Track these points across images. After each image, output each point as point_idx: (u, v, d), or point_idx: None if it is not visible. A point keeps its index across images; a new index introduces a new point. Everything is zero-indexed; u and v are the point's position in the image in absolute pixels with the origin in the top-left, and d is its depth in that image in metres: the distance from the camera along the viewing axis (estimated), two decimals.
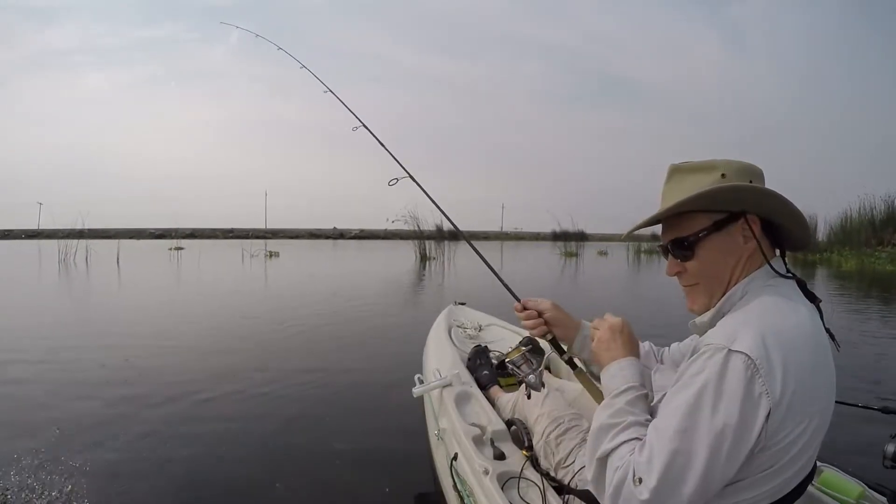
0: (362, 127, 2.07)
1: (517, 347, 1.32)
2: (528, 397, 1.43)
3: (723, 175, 0.87)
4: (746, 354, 0.71)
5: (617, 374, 0.93)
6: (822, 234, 17.00)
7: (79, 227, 15.71)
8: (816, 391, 0.77)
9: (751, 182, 0.87)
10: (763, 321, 0.77)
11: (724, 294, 0.89)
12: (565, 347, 1.20)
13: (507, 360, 1.28)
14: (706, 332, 0.90)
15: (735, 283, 0.88)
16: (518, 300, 1.24)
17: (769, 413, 0.70)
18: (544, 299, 1.20)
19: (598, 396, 1.15)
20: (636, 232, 1.03)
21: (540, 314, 1.18)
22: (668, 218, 0.93)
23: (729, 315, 0.85)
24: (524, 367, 1.26)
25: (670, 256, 0.95)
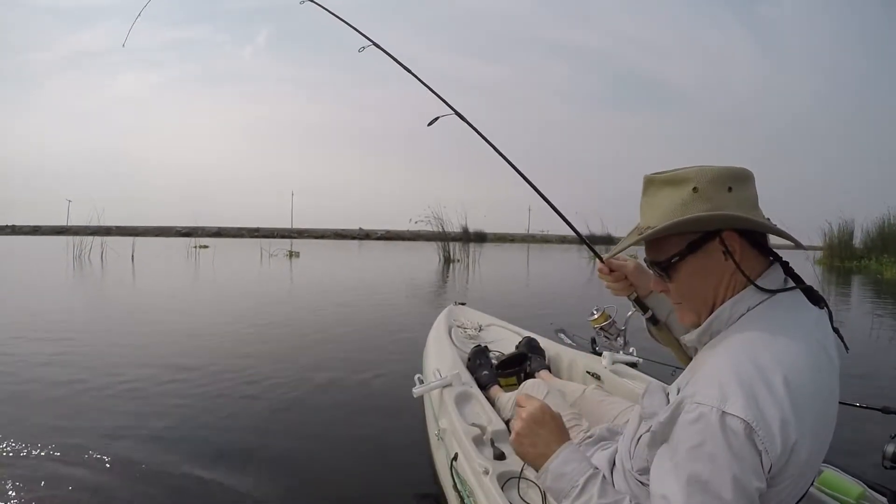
0: (372, 45, 1.89)
1: (603, 313, 1.32)
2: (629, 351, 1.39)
3: (694, 189, 0.81)
4: (741, 418, 0.69)
5: (565, 474, 0.87)
6: (858, 240, 16.41)
7: (95, 223, 15.51)
8: (818, 425, 0.75)
9: (730, 188, 0.81)
10: (752, 370, 0.72)
11: (710, 313, 0.85)
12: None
13: (597, 327, 1.30)
14: (695, 349, 0.91)
15: (722, 302, 0.84)
16: (601, 260, 1.24)
17: (771, 466, 0.70)
18: (629, 260, 1.22)
19: (682, 354, 1.16)
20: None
21: (626, 276, 1.21)
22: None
23: (713, 352, 0.81)
24: (613, 329, 1.27)
25: (654, 275, 0.92)
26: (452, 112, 1.59)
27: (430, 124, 1.61)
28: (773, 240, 0.88)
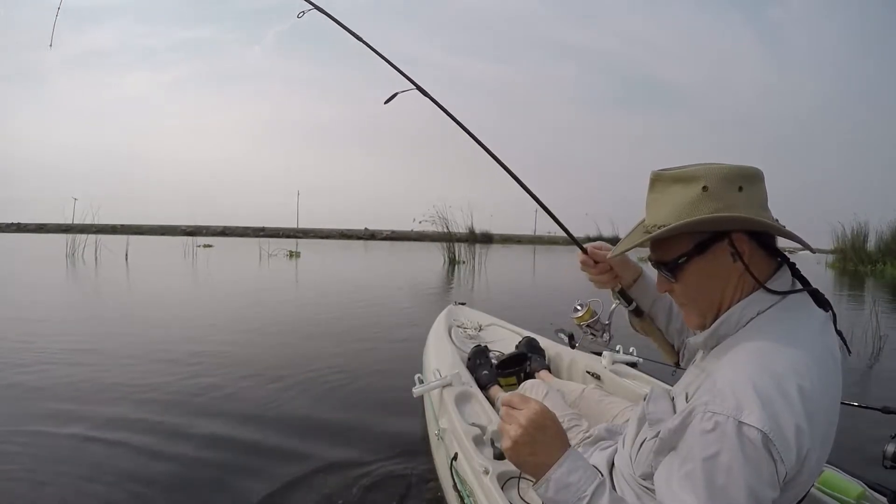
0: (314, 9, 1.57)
1: (588, 309, 1.30)
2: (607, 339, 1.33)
3: (704, 188, 0.79)
4: (758, 428, 0.68)
5: (570, 484, 0.80)
6: (872, 243, 15.63)
7: (90, 221, 15.65)
8: (829, 430, 0.76)
9: (740, 188, 0.79)
10: (767, 379, 0.71)
11: (716, 316, 0.84)
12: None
13: (583, 324, 1.28)
14: (700, 352, 0.91)
15: (729, 306, 0.83)
16: (584, 251, 1.18)
17: (786, 475, 0.70)
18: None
19: (665, 344, 1.16)
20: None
21: (611, 267, 1.16)
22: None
23: (725, 359, 0.79)
24: (598, 325, 1.27)
25: (658, 275, 0.91)
26: (413, 87, 1.38)
27: (387, 102, 1.41)
28: (779, 241, 0.87)
